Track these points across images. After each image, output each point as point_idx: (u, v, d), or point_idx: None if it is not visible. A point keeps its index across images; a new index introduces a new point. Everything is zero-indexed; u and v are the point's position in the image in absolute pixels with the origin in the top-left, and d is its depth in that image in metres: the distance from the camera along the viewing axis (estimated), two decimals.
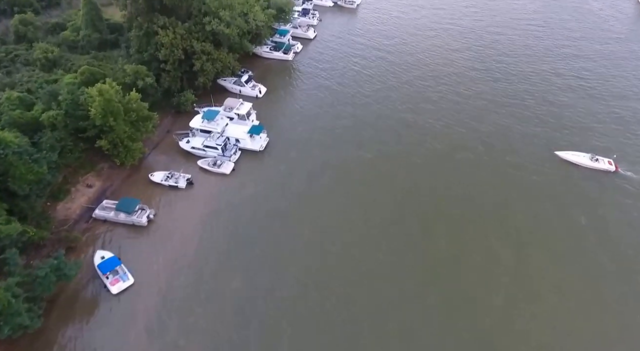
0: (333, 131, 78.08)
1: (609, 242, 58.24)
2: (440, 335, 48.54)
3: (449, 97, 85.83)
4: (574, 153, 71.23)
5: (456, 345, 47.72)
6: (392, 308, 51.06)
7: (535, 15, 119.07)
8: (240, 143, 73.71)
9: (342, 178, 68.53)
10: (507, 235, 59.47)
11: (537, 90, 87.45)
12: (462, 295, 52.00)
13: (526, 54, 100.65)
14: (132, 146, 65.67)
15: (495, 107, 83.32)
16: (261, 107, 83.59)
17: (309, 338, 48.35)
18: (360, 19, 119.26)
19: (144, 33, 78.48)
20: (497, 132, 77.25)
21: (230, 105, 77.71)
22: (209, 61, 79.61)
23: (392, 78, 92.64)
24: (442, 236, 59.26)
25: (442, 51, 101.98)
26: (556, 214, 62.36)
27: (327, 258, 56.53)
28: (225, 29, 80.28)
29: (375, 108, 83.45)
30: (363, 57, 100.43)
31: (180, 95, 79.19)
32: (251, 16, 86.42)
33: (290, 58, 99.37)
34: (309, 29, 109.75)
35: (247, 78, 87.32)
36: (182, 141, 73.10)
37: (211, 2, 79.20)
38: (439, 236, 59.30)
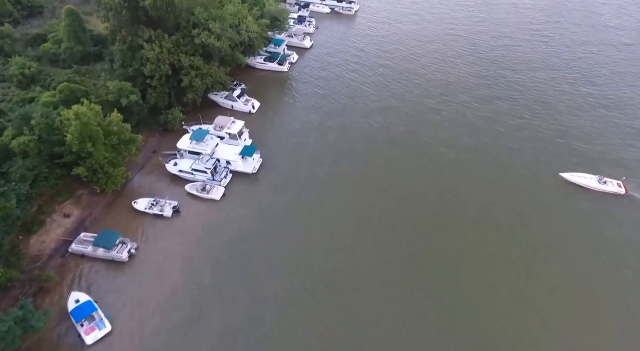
0: (330, 150, 73.26)
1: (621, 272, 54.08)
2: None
3: (449, 116, 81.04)
4: (580, 175, 66.77)
5: None
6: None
7: (541, 25, 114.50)
8: (231, 166, 68.77)
9: (340, 202, 63.67)
10: (508, 268, 55.16)
11: (541, 107, 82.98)
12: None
13: (532, 68, 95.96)
14: (114, 172, 60.65)
15: (497, 124, 78.84)
16: (254, 124, 78.77)
17: None
18: (358, 26, 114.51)
19: (129, 47, 73.41)
20: (498, 150, 72.75)
21: (221, 124, 72.74)
22: (198, 77, 74.58)
23: (391, 91, 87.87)
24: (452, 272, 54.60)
25: (443, 63, 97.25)
26: (560, 242, 58.15)
27: (322, 306, 51.62)
28: (215, 42, 75.30)
29: (375, 125, 78.65)
30: (362, 67, 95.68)
31: (167, 113, 74.16)
32: (243, 27, 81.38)
33: (286, 70, 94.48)
34: (305, 37, 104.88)
35: (239, 92, 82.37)
36: (169, 164, 68.06)
37: (200, 13, 74.14)
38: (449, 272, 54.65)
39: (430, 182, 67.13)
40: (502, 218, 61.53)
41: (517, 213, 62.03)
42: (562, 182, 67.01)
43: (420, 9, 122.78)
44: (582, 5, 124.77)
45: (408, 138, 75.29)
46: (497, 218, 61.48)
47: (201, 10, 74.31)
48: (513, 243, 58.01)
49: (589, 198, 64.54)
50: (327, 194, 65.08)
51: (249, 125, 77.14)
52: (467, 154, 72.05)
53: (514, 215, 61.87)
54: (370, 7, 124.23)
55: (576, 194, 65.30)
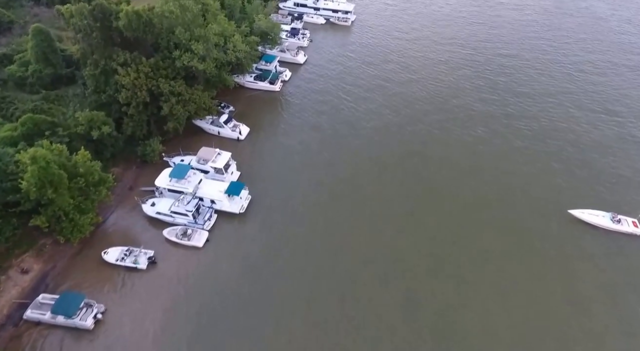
0: (326, 183, 66.17)
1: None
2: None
3: (452, 143, 74.12)
4: (591, 213, 60.22)
5: None
6: None
7: (548, 34, 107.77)
8: (216, 205, 61.49)
9: (337, 248, 56.58)
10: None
11: (551, 136, 75.93)
12: None
13: (540, 82, 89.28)
14: (80, 219, 53.19)
15: (501, 150, 72.33)
16: (243, 153, 71.64)
17: None
18: (355, 38, 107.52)
19: (101, 71, 65.94)
20: (501, 182, 66.27)
21: (204, 156, 65.44)
22: (179, 103, 67.21)
23: (390, 113, 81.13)
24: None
25: (446, 79, 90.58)
26: (564, 290, 51.84)
27: None
28: (198, 64, 68.12)
29: (373, 153, 71.64)
30: (359, 85, 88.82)
31: (145, 145, 66.69)
32: (230, 46, 74.12)
33: (278, 89, 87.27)
34: (298, 52, 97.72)
35: (226, 118, 75.01)
36: (145, 204, 60.65)
37: (181, 33, 66.77)
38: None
39: (430, 219, 60.36)
40: (500, 262, 55.21)
41: (518, 260, 55.37)
42: (570, 219, 60.33)
43: (418, 18, 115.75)
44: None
45: (410, 175, 68.19)
46: (493, 262, 55.12)
47: (182, 30, 66.93)
48: (511, 293, 51.62)
49: (600, 239, 58.10)
50: (324, 238, 57.93)
51: (236, 154, 70.08)
52: (468, 188, 65.28)
53: (513, 261, 55.26)
54: (366, 17, 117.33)
55: (586, 233, 58.80)
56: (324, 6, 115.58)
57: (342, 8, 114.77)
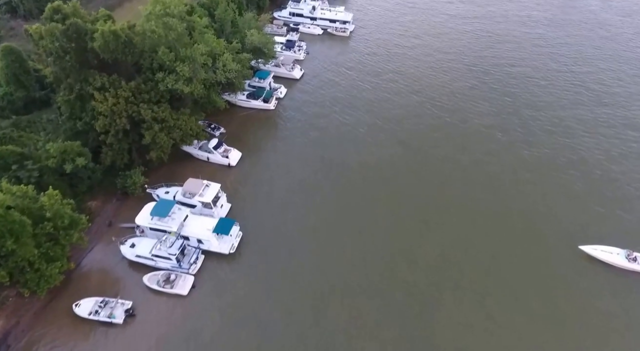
0: (325, 216, 60.34)
1: None
2: None
3: (457, 166, 68.27)
4: (604, 249, 54.50)
5: None
6: None
7: (556, 43, 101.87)
8: (203, 245, 55.56)
9: (340, 294, 50.68)
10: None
11: (562, 158, 69.93)
12: None
13: (550, 99, 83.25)
14: (47, 270, 47.17)
15: (503, 176, 66.39)
16: (234, 182, 65.92)
17: None
18: (354, 50, 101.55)
19: (77, 96, 60.05)
20: (505, 211, 60.55)
21: (191, 190, 59.48)
22: (163, 130, 61.31)
23: (393, 133, 75.12)
24: None
25: (450, 95, 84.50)
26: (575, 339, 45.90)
27: None
28: (184, 86, 62.17)
29: (376, 181, 65.65)
30: (358, 104, 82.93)
31: (125, 176, 60.73)
32: (220, 65, 68.22)
33: (272, 107, 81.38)
34: (294, 66, 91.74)
35: (216, 143, 69.06)
36: (124, 245, 54.75)
37: (164, 54, 60.78)
38: None
39: (433, 248, 54.92)
40: (502, 304, 49.64)
41: (520, 306, 49.52)
42: (581, 256, 54.48)
43: (419, 28, 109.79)
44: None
45: (416, 205, 62.29)
46: (492, 306, 49.49)
47: (165, 50, 60.95)
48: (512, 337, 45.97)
49: (614, 279, 52.21)
50: (324, 280, 52.03)
51: (227, 183, 64.55)
52: (469, 215, 59.54)
53: (515, 306, 49.43)
54: (365, 27, 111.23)
55: (597, 272, 52.96)
56: (321, 16, 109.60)
57: (340, 18, 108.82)
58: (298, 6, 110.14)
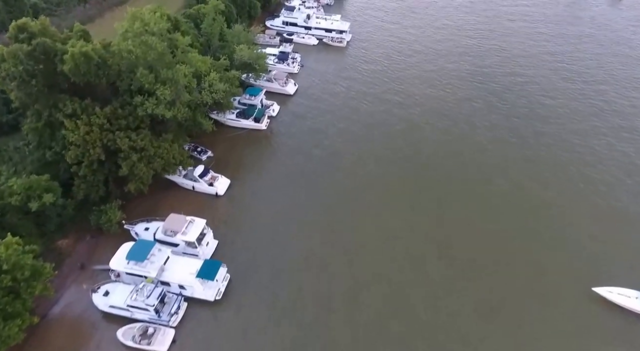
0: (322, 254, 54.68)
1: None
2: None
3: (462, 196, 63.07)
4: (620, 292, 49.40)
5: None
6: None
7: (566, 52, 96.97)
8: (186, 291, 49.84)
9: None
10: None
11: (573, 187, 64.79)
12: None
13: (561, 119, 78.19)
14: (5, 329, 41.19)
15: (515, 208, 61.11)
16: (221, 214, 60.52)
17: None
18: (351, 62, 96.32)
19: (45, 124, 54.17)
20: (512, 248, 54.89)
21: (173, 227, 53.75)
22: (142, 160, 55.45)
23: (393, 159, 69.71)
24: None
25: (454, 114, 79.11)
26: None
27: None
28: (166, 111, 56.42)
29: (377, 213, 60.15)
30: (356, 120, 78.10)
31: (100, 212, 54.93)
32: (206, 86, 62.54)
33: (264, 127, 75.75)
34: (287, 81, 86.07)
35: (202, 170, 63.30)
36: (97, 293, 49.04)
37: (143, 76, 54.96)
38: None
39: (430, 286, 49.13)
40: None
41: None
42: (594, 298, 49.29)
43: (419, 38, 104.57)
44: None
45: (413, 235, 56.93)
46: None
47: (144, 72, 55.11)
48: None
49: (631, 326, 47.15)
50: (321, 330, 46.49)
51: (214, 216, 59.08)
52: (472, 252, 54.19)
53: None
54: (363, 36, 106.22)
55: (613, 318, 47.84)
56: (317, 25, 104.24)
57: (336, 27, 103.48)
58: (292, 15, 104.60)
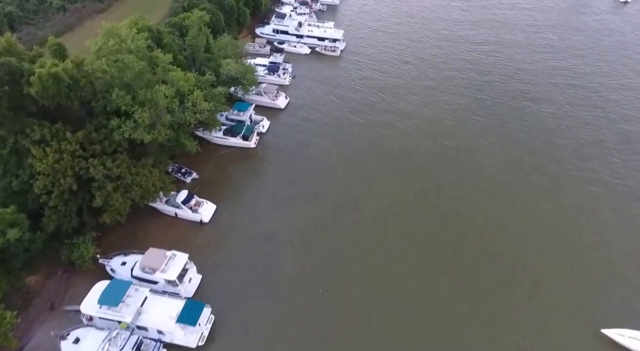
0: (316, 292, 50.59)
1: None
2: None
3: (465, 223, 59.04)
4: (632, 335, 45.60)
5: None
6: None
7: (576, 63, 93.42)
8: (165, 337, 45.47)
9: None
10: None
11: (583, 215, 60.99)
12: None
13: (573, 139, 74.58)
14: None
15: (520, 241, 57.11)
16: (205, 245, 56.12)
17: None
18: (345, 73, 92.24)
19: (11, 151, 49.44)
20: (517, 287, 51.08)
21: (152, 264, 49.34)
22: (118, 190, 50.96)
23: (392, 181, 65.71)
24: None
25: (452, 132, 75.25)
26: None
27: None
28: (144, 134, 51.92)
29: (377, 241, 56.08)
30: (351, 137, 74.10)
31: (71, 246, 50.41)
32: (189, 105, 58.08)
33: (253, 145, 71.45)
34: (278, 94, 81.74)
35: (185, 196, 58.90)
36: (66, 341, 44.54)
37: (119, 98, 50.41)
38: None
39: (428, 327, 45.30)
40: None
41: None
42: (603, 340, 45.58)
43: (417, 47, 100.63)
44: None
45: (409, 270, 52.95)
46: None
47: (121, 93, 50.54)
48: None
49: None
50: None
51: (198, 247, 55.04)
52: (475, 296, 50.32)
53: None
54: (357, 45, 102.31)
55: None
56: (309, 33, 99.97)
57: (329, 35, 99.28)
58: (283, 22, 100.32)
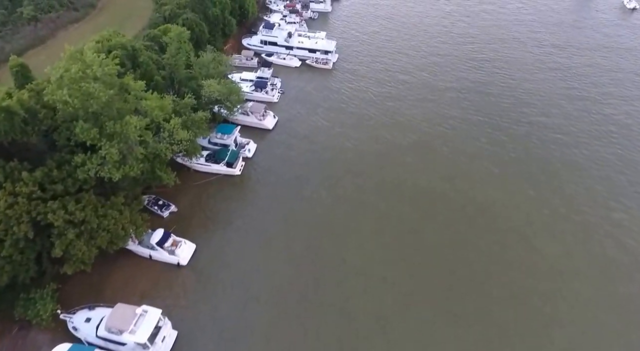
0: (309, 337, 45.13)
1: None
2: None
3: (467, 257, 53.95)
4: None
5: None
6: None
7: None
8: None
9: None
10: None
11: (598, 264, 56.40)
12: None
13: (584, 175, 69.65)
14: None
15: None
16: (183, 294, 50.13)
17: None
18: (338, 87, 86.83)
19: None
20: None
21: (118, 325, 43.39)
22: (82, 236, 44.79)
23: (389, 214, 60.33)
24: None
25: (451, 157, 70.12)
26: None
27: None
28: (113, 171, 45.81)
29: (377, 279, 50.73)
30: (343, 163, 68.36)
31: (27, 302, 44.21)
32: (165, 135, 51.98)
33: (238, 172, 65.60)
34: (266, 113, 75.78)
35: (161, 236, 52.98)
36: None
37: (83, 131, 44.20)
38: None
39: None
40: None
41: None
42: None
43: (413, 58, 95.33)
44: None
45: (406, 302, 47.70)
46: None
47: (85, 126, 44.30)
48: None
49: None
50: None
51: (174, 294, 49.44)
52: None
53: None
54: (350, 56, 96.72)
55: None
56: (299, 45, 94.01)
57: (321, 47, 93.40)
58: (271, 33, 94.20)
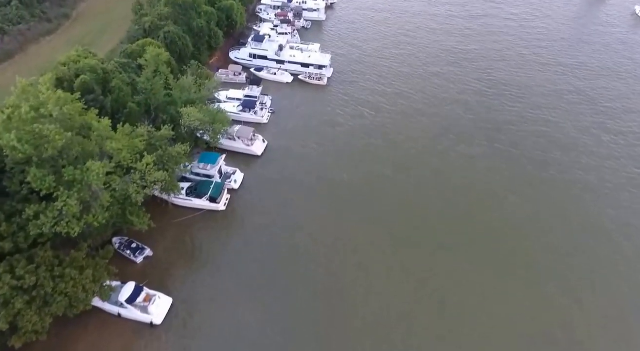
0: None
1: None
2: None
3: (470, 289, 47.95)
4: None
5: None
6: None
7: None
8: None
9: None
10: None
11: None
12: None
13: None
14: None
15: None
16: None
17: None
18: (333, 106, 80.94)
19: None
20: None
21: None
22: (33, 304, 38.10)
23: (388, 255, 54.22)
24: None
25: (457, 192, 64.20)
26: None
27: None
28: (72, 225, 39.13)
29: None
30: (340, 192, 62.07)
31: None
32: (136, 177, 45.27)
33: (223, 207, 59.07)
34: (254, 138, 69.28)
35: (131, 293, 46.34)
36: None
37: (36, 180, 37.48)
38: None
39: None
40: None
41: None
42: None
43: (414, 72, 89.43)
44: None
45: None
46: None
47: (39, 174, 37.54)
48: None
49: None
50: None
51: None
52: None
53: None
54: (346, 69, 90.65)
55: None
56: (291, 58, 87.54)
57: (315, 61, 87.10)
58: (261, 46, 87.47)
